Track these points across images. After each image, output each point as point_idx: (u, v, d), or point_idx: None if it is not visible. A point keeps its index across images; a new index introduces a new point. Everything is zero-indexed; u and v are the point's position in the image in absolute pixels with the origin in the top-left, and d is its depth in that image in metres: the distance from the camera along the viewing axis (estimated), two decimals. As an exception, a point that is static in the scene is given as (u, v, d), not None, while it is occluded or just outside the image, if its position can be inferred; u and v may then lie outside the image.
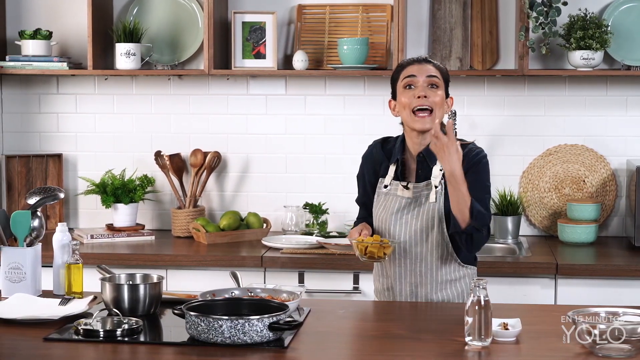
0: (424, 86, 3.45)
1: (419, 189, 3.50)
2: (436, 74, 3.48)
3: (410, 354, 2.87)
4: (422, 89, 3.44)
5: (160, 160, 5.03)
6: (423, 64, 3.50)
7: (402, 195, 3.52)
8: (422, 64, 3.51)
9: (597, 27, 4.67)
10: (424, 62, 3.52)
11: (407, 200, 3.51)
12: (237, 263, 4.42)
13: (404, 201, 3.51)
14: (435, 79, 3.46)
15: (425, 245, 3.49)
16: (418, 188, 3.51)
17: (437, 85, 3.47)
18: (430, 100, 3.44)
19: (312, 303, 3.45)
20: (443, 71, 3.53)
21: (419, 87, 3.45)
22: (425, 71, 3.47)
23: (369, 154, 3.69)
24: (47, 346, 2.90)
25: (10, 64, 4.96)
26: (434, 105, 3.44)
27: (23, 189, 5.08)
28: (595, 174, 4.95)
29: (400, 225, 3.50)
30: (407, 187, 3.52)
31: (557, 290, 4.32)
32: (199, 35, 5.03)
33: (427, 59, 3.54)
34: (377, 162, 3.64)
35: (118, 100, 5.19)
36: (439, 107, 3.44)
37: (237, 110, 5.14)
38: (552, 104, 4.97)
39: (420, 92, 3.44)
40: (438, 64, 3.55)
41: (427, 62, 3.52)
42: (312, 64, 4.94)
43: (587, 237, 4.73)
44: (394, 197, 3.54)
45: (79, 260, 3.45)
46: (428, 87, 3.45)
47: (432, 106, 3.43)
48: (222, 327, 2.80)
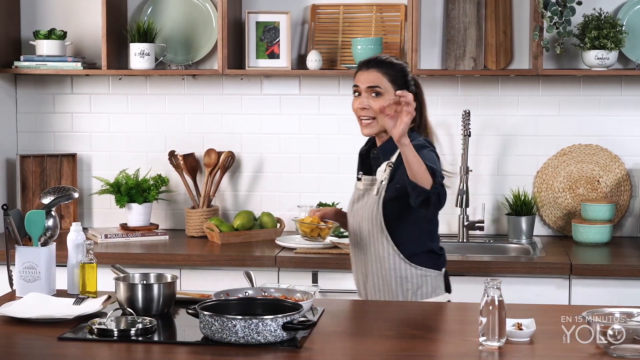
0: (365, 96, 3.59)
1: (367, 181, 3.64)
2: (377, 84, 3.57)
3: (424, 354, 2.86)
4: (363, 100, 3.59)
5: (174, 160, 5.04)
6: (367, 71, 3.60)
7: (357, 187, 3.71)
8: (367, 70, 3.60)
9: (611, 27, 4.66)
10: (369, 69, 3.60)
11: (360, 192, 3.68)
12: (250, 263, 4.43)
13: (357, 193, 3.70)
14: (377, 89, 3.56)
15: (367, 237, 3.61)
16: (367, 181, 3.64)
17: (380, 93, 3.56)
18: (371, 110, 3.57)
19: (326, 303, 3.45)
20: (392, 72, 3.60)
21: (362, 97, 3.60)
22: (366, 81, 3.59)
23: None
24: (61, 345, 2.91)
25: (25, 64, 4.98)
26: (376, 113, 3.55)
27: (37, 188, 5.09)
28: (610, 174, 4.93)
29: (351, 215, 3.71)
30: (359, 178, 3.70)
31: (571, 290, 4.31)
32: (213, 35, 5.03)
33: (374, 63, 3.62)
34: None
35: (132, 100, 5.20)
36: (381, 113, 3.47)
37: (250, 110, 5.14)
38: (566, 104, 4.96)
39: (360, 104, 3.59)
40: (389, 61, 3.62)
41: (372, 68, 3.60)
42: (325, 63, 4.94)
43: (602, 237, 4.72)
44: (355, 188, 3.74)
45: (93, 259, 3.45)
46: (370, 95, 3.58)
47: (374, 115, 3.56)
48: (236, 326, 2.81)
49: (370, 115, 3.57)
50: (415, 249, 3.60)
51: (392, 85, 3.57)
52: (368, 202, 3.61)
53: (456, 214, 4.91)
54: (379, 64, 3.61)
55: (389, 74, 3.59)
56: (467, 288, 4.27)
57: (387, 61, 3.63)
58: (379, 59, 3.65)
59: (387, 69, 3.60)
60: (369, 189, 3.63)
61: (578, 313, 2.89)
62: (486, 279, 2.87)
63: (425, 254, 3.63)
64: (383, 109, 3.35)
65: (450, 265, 4.34)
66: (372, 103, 3.56)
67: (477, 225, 4.86)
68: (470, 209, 4.91)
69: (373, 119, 3.57)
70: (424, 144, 3.52)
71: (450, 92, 5.00)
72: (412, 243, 3.59)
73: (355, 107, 3.61)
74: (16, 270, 3.50)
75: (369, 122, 3.59)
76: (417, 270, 3.60)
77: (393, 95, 3.45)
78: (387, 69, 3.60)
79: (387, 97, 3.51)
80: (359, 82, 3.61)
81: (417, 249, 3.61)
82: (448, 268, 3.70)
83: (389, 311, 3.45)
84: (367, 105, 3.57)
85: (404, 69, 3.65)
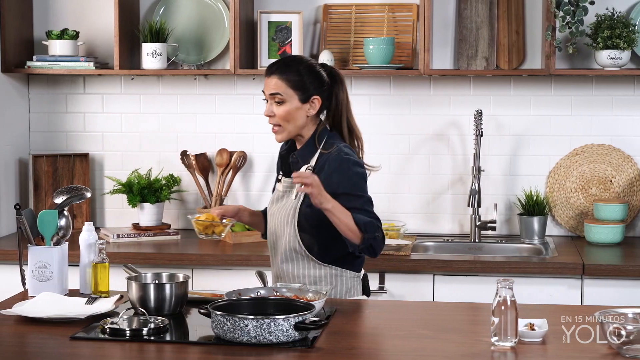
0: (270, 102, 3.55)
1: (287, 184, 3.61)
2: (278, 90, 3.50)
3: (435, 354, 2.86)
4: (267, 107, 3.55)
5: (186, 159, 5.04)
6: (269, 77, 3.54)
7: (277, 188, 3.68)
8: (269, 77, 3.54)
9: (624, 27, 4.65)
10: (271, 75, 3.54)
11: (279, 193, 3.65)
12: (262, 263, 4.42)
13: (277, 194, 3.67)
14: (278, 96, 3.50)
15: (282, 239, 3.57)
16: (286, 183, 3.61)
17: (282, 100, 3.50)
18: (275, 118, 3.53)
19: (338, 303, 3.45)
20: (293, 77, 3.52)
21: (267, 104, 3.56)
22: (269, 87, 3.53)
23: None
24: (73, 345, 2.92)
25: (38, 64, 4.99)
26: (279, 120, 3.52)
27: (50, 188, 5.10)
28: (622, 174, 4.92)
29: (270, 215, 3.67)
30: (279, 179, 3.69)
31: (583, 290, 4.30)
32: (225, 35, 5.04)
33: (275, 68, 3.55)
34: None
35: (144, 100, 5.21)
36: (285, 120, 3.51)
37: (262, 109, 5.11)
38: (578, 104, 4.95)
39: (265, 112, 3.56)
40: (289, 64, 3.55)
41: (273, 74, 3.53)
42: (338, 63, 4.93)
43: (614, 237, 4.71)
44: (275, 189, 3.73)
45: (106, 259, 3.46)
46: (274, 102, 3.53)
47: (278, 122, 3.53)
48: (248, 326, 2.81)
49: (276, 123, 3.54)
50: (331, 251, 3.53)
51: (295, 91, 3.50)
52: (286, 204, 3.57)
53: (468, 214, 4.91)
54: (279, 69, 3.53)
55: (289, 80, 3.51)
56: (479, 288, 4.28)
57: (288, 64, 3.55)
58: (280, 63, 3.57)
59: (287, 74, 3.51)
60: (287, 191, 3.60)
61: (590, 313, 2.89)
62: (498, 279, 2.86)
63: (343, 256, 3.55)
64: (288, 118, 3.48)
65: (462, 265, 4.35)
66: (277, 110, 3.52)
67: (489, 225, 4.85)
68: (482, 209, 4.90)
69: (279, 125, 3.54)
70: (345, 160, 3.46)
71: (463, 92, 4.99)
72: (328, 245, 3.51)
73: (264, 114, 3.57)
74: (29, 269, 3.51)
75: (277, 129, 3.55)
76: (330, 269, 3.54)
77: (297, 101, 3.50)
78: (287, 74, 3.51)
79: (291, 103, 3.50)
80: (264, 89, 3.56)
81: (334, 250, 3.53)
82: (460, 268, 3.69)
83: (401, 311, 3.44)
84: (272, 113, 3.53)
85: (309, 68, 3.55)
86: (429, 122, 5.00)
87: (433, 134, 5.03)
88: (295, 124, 3.53)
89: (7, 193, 5.02)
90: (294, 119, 3.52)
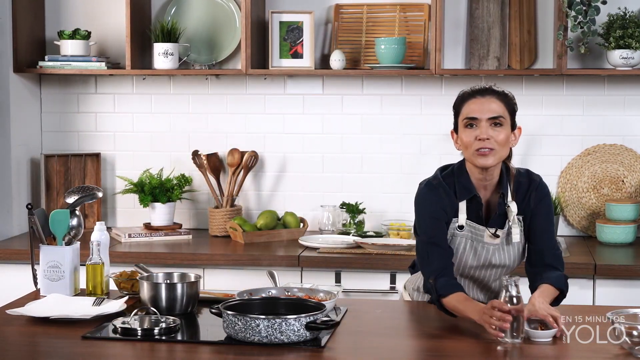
0: (486, 126, 3.24)
1: (504, 233, 3.36)
2: (500, 114, 3.25)
3: (446, 354, 2.86)
4: (484, 131, 3.24)
5: (198, 159, 5.05)
6: (486, 99, 3.27)
7: (490, 242, 3.35)
8: (485, 97, 3.27)
9: (636, 26, 4.64)
10: (487, 96, 3.28)
11: (495, 246, 3.36)
12: (274, 262, 4.43)
13: (491, 248, 3.36)
14: (500, 119, 3.25)
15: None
16: (503, 233, 3.36)
17: (502, 124, 3.26)
18: (492, 141, 3.24)
19: (349, 303, 3.45)
20: (508, 103, 3.30)
21: (482, 128, 3.24)
22: (487, 111, 3.25)
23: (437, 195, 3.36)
24: (85, 344, 2.93)
25: (49, 63, 5.00)
26: (497, 145, 3.25)
27: (62, 188, 5.11)
28: (635, 174, 4.91)
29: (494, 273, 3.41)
30: (497, 234, 3.35)
31: (595, 291, 4.29)
32: (237, 35, 5.04)
33: (491, 90, 3.29)
34: (446, 203, 3.36)
35: (156, 99, 5.21)
36: (502, 146, 3.27)
37: (274, 109, 5.14)
38: (590, 104, 4.94)
39: (482, 135, 3.24)
40: (503, 92, 3.31)
41: (490, 95, 3.28)
42: (349, 63, 4.94)
43: (626, 237, 4.70)
44: (480, 243, 3.36)
45: (100, 260, 3.47)
46: (491, 126, 3.25)
47: (495, 147, 3.25)
48: (259, 326, 2.81)
49: (490, 147, 3.25)
50: None
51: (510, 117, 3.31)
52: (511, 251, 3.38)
53: (480, 214, 4.90)
54: (494, 92, 3.30)
55: (506, 104, 3.30)
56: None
57: (499, 89, 3.33)
58: (492, 87, 3.32)
59: (502, 99, 3.30)
60: (506, 238, 3.35)
61: (602, 313, 2.89)
62: (504, 277, 2.88)
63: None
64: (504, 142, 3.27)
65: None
66: (493, 134, 3.26)
67: (500, 225, 4.83)
68: (493, 209, 4.89)
69: (492, 149, 3.26)
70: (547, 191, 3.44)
71: (474, 92, 4.98)
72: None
73: (472, 138, 3.27)
74: (40, 269, 3.52)
75: (486, 152, 3.26)
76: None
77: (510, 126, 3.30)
78: (502, 99, 3.30)
79: (505, 131, 3.27)
80: (477, 113, 3.26)
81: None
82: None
83: (411, 311, 3.45)
84: (489, 135, 3.25)
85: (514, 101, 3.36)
86: (440, 122, 4.99)
87: (444, 134, 5.01)
88: (504, 151, 3.31)
89: (19, 193, 5.04)
90: (505, 146, 3.30)
